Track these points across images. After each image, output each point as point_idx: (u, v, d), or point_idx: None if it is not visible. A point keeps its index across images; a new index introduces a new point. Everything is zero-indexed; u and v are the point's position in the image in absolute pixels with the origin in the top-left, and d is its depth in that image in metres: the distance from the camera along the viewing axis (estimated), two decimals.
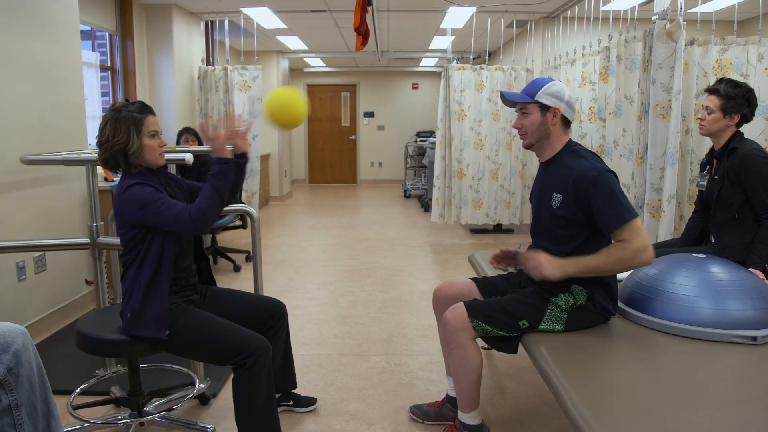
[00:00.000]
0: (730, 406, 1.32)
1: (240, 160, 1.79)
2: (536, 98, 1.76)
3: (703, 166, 2.50)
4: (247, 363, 1.71)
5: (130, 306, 1.72)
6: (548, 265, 1.69)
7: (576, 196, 1.70)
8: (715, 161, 2.39)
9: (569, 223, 1.74)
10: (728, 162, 2.27)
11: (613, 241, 1.70)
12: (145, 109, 1.76)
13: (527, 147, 1.85)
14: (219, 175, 1.71)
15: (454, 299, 1.97)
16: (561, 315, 1.74)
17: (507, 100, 1.85)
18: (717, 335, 1.63)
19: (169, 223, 1.66)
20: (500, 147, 5.18)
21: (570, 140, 1.82)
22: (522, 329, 1.74)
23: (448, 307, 1.82)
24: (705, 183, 2.43)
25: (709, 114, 2.30)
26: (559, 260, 1.69)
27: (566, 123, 1.80)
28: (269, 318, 2.02)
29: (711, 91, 2.32)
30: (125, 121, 1.71)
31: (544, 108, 1.76)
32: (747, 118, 2.29)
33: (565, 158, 1.77)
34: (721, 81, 2.32)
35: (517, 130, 1.87)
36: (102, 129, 1.74)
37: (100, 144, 1.74)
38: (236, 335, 1.74)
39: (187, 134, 4.13)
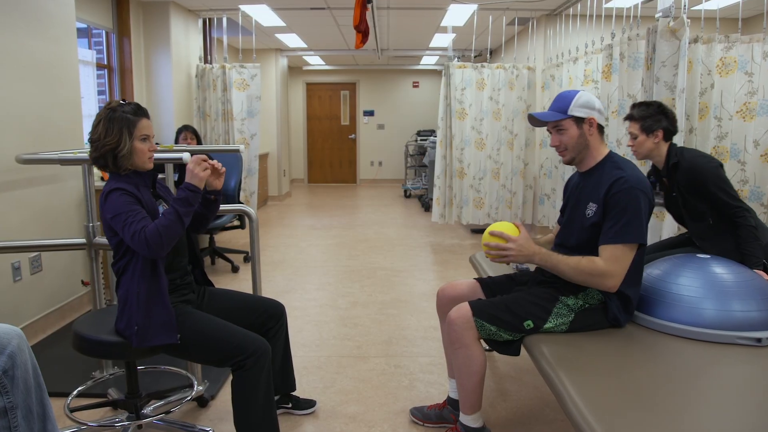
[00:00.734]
0: (735, 408, 1.31)
1: (211, 196, 1.80)
2: (569, 113, 1.76)
3: (653, 185, 2.55)
4: (246, 364, 1.69)
5: (135, 319, 1.68)
6: (518, 255, 1.71)
7: (604, 202, 1.70)
8: (665, 180, 2.45)
9: (598, 232, 1.73)
10: (676, 177, 2.34)
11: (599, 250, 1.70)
12: (140, 112, 1.74)
13: (568, 162, 1.84)
14: (185, 201, 1.64)
15: (457, 300, 1.96)
16: (568, 314, 1.73)
17: (537, 120, 1.83)
18: (721, 337, 1.61)
19: (126, 239, 1.62)
20: (502, 146, 5.14)
21: (610, 152, 1.82)
22: (526, 330, 1.72)
23: (452, 308, 1.80)
24: (662, 201, 2.52)
25: (634, 139, 2.40)
26: (532, 248, 1.71)
27: (601, 130, 1.80)
28: (268, 319, 2.00)
29: (627, 118, 2.42)
30: (119, 121, 1.68)
31: (579, 120, 1.76)
32: (670, 130, 2.34)
33: (605, 168, 1.77)
34: (633, 106, 2.43)
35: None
36: (95, 126, 1.71)
37: (92, 141, 1.72)
38: (236, 336, 1.73)
39: (186, 132, 4.09)
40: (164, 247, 1.61)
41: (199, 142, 4.21)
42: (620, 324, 1.76)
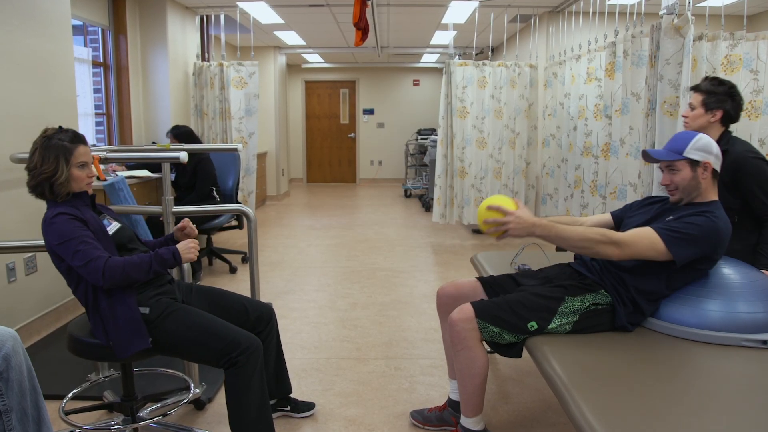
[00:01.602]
0: (740, 411, 1.28)
1: (177, 262, 1.80)
2: (685, 154, 1.72)
3: None
4: (239, 361, 1.67)
5: (111, 335, 1.68)
6: (517, 228, 1.64)
7: (680, 214, 1.69)
8: None
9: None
10: (722, 166, 2.25)
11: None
12: (77, 139, 1.72)
13: (676, 202, 1.79)
14: (163, 263, 1.69)
15: (458, 299, 1.93)
16: (573, 315, 1.70)
17: (651, 157, 1.80)
18: (726, 339, 1.58)
19: (78, 266, 1.61)
20: (503, 145, 5.11)
21: (718, 201, 1.77)
22: (530, 332, 1.69)
23: (453, 308, 1.78)
24: None
25: (692, 110, 2.29)
26: (531, 220, 1.65)
27: (715, 175, 1.75)
28: (257, 322, 1.97)
29: (694, 88, 2.32)
30: (55, 149, 1.67)
31: (694, 163, 1.72)
32: (730, 114, 2.25)
33: (704, 208, 1.72)
34: (705, 78, 2.32)
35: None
36: (31, 155, 1.70)
37: (28, 170, 1.70)
38: (226, 331, 1.71)
39: (170, 134, 4.02)
40: (116, 283, 1.63)
41: (181, 142, 4.11)
42: (627, 330, 1.73)
